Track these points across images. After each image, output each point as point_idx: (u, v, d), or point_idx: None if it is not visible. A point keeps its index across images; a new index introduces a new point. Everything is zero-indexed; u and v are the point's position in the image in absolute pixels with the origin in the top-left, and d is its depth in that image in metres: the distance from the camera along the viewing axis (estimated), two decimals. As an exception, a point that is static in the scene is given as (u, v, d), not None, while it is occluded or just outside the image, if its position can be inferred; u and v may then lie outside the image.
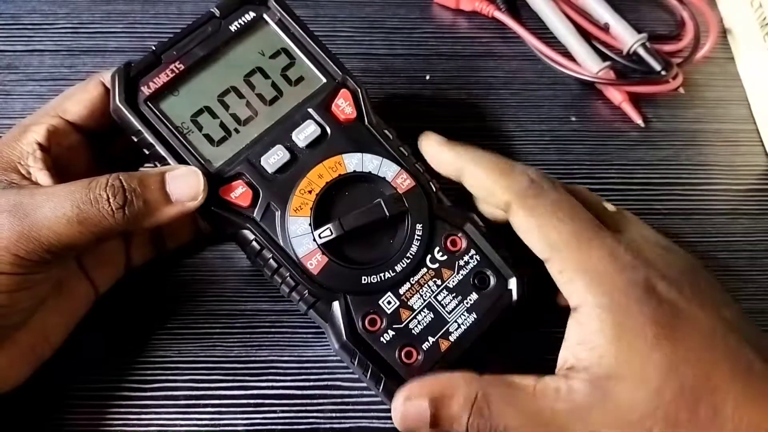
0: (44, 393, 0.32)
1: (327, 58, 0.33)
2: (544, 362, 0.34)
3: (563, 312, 0.28)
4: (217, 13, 0.32)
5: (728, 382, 0.25)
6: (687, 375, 0.25)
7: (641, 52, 0.43)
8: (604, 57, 0.43)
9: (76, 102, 0.31)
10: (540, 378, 0.26)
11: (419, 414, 0.26)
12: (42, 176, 0.29)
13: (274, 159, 0.31)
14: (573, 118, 0.42)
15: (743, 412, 0.24)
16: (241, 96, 0.32)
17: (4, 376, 0.30)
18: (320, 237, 0.30)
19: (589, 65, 0.43)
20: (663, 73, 0.42)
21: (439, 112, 0.42)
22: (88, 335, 0.33)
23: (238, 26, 0.32)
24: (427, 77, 0.43)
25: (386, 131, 0.32)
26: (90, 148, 0.32)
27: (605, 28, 0.44)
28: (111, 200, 0.27)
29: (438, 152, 0.32)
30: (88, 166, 0.32)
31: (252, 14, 0.33)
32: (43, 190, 0.28)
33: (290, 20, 0.33)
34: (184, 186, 0.29)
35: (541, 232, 0.28)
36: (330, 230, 0.30)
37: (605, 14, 0.44)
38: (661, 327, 0.25)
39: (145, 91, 0.31)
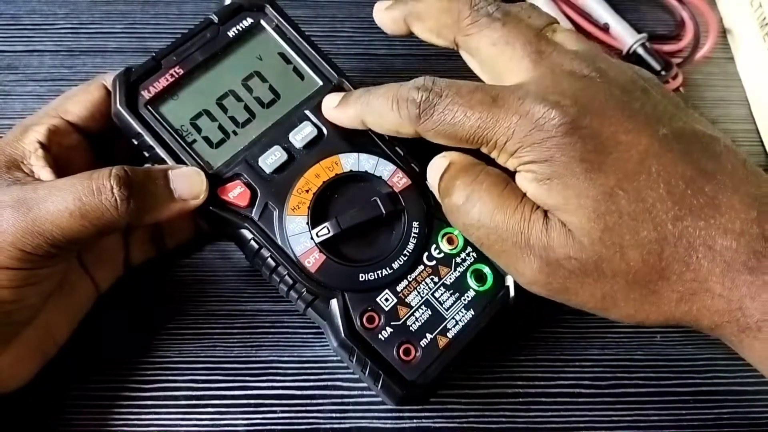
0: (44, 393, 0.33)
1: (323, 61, 0.33)
2: (543, 362, 0.35)
3: (564, 312, 0.28)
4: (215, 19, 0.33)
5: (664, 201, 0.26)
6: (623, 201, 0.26)
7: (641, 52, 0.43)
8: (603, 57, 0.43)
9: (78, 103, 0.31)
10: None
11: None
12: (45, 173, 0.29)
13: (271, 159, 0.31)
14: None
15: (683, 229, 0.25)
16: (239, 99, 0.32)
17: (11, 374, 0.30)
18: (318, 236, 0.30)
19: (588, 65, 0.43)
20: (663, 73, 0.42)
21: (438, 112, 0.42)
22: (89, 335, 0.33)
23: (236, 32, 0.33)
24: (427, 77, 0.43)
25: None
26: (90, 150, 0.32)
27: (605, 29, 0.44)
28: (115, 190, 0.27)
29: (335, 114, 0.32)
30: (89, 167, 0.32)
31: (249, 20, 0.33)
32: (45, 185, 0.28)
33: (287, 25, 0.33)
34: (187, 184, 0.29)
35: (449, 131, 0.28)
36: (327, 229, 0.30)
37: (605, 14, 0.44)
38: (589, 162, 0.26)
39: (146, 95, 0.31)
